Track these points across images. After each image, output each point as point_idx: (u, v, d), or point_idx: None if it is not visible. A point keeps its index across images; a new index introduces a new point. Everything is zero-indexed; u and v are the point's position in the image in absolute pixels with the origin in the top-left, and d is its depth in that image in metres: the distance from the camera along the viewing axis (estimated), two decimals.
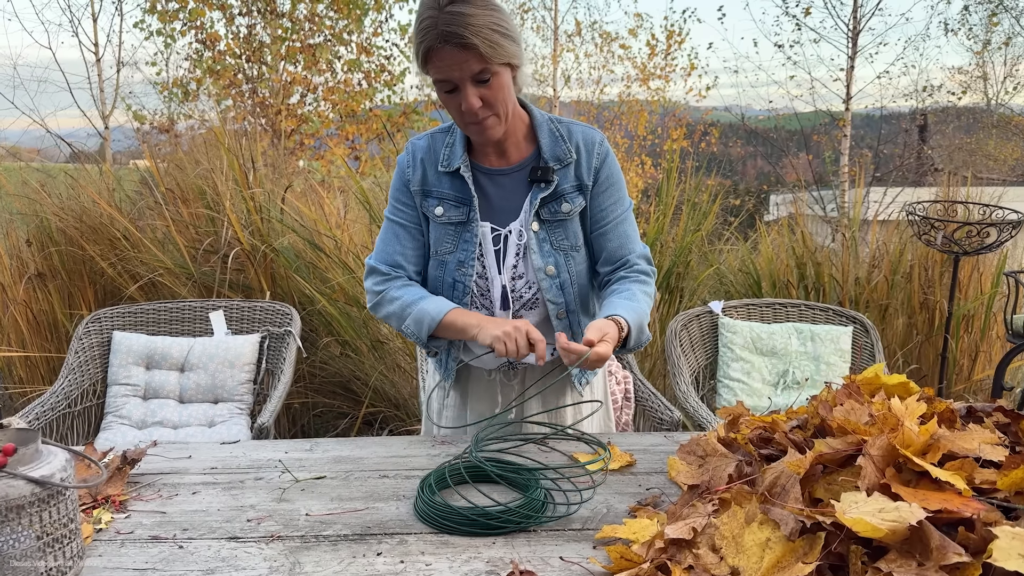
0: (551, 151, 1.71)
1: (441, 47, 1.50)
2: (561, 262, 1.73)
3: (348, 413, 3.85)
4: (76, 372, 2.75)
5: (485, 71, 1.53)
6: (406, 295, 1.74)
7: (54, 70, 10.61)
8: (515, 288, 1.75)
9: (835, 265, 4.22)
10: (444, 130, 1.78)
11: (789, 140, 14.35)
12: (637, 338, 1.67)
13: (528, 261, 1.72)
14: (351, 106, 9.09)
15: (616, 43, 14.77)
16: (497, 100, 1.58)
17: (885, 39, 11.17)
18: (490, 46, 1.50)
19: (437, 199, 1.74)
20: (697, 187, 4.48)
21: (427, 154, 1.76)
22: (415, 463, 1.65)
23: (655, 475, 1.58)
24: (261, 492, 1.51)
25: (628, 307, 1.66)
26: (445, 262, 1.75)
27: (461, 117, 1.61)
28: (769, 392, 2.95)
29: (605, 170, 1.74)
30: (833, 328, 3.03)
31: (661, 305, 4.03)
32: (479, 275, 1.74)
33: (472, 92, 1.54)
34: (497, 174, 1.74)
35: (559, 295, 1.74)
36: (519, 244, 1.72)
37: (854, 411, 1.29)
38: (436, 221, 1.74)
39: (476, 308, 1.78)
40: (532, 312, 1.77)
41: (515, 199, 1.73)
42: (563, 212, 1.71)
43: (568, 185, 1.71)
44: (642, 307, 1.69)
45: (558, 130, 1.73)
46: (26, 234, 3.71)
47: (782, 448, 1.34)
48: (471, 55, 1.50)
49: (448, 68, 1.52)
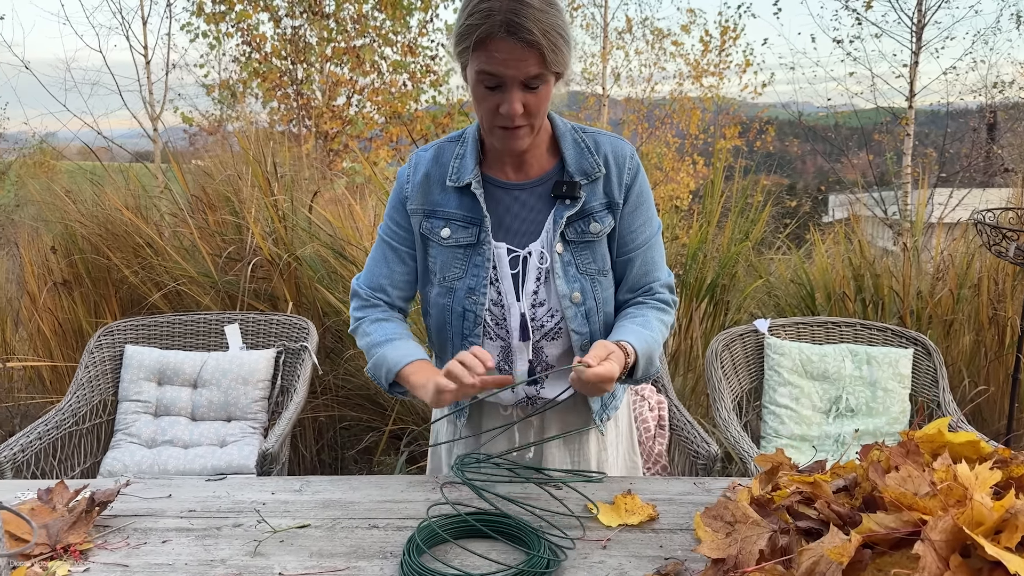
0: (577, 164, 1.52)
1: (503, 38, 1.32)
2: (587, 288, 1.54)
3: (375, 427, 3.72)
4: (85, 387, 2.66)
5: (540, 77, 1.37)
6: (375, 333, 1.60)
7: (105, 73, 10.77)
8: (536, 316, 1.55)
9: (895, 277, 3.93)
10: (454, 139, 1.60)
11: (849, 138, 13.83)
12: (645, 369, 1.50)
13: (551, 287, 1.53)
14: (395, 107, 9.00)
15: (668, 39, 14.45)
16: (539, 111, 1.42)
17: (952, 33, 10.69)
18: (553, 50, 1.34)
19: (443, 220, 1.55)
20: (746, 189, 4.23)
21: (433, 167, 1.58)
22: (410, 510, 1.48)
23: (680, 533, 1.39)
24: (236, 543, 1.37)
25: (639, 334, 1.49)
26: (453, 289, 1.56)
27: (493, 119, 1.42)
28: (820, 420, 2.71)
29: (636, 187, 1.55)
30: (891, 350, 2.77)
31: (704, 319, 3.80)
32: (494, 302, 1.55)
33: (518, 96, 1.37)
34: (515, 189, 1.56)
35: (584, 324, 1.55)
36: (540, 268, 1.53)
37: (911, 479, 1.08)
38: (443, 244, 1.56)
39: (491, 340, 1.58)
40: (554, 343, 1.58)
41: (535, 217, 1.54)
42: (591, 233, 1.53)
43: (597, 203, 1.53)
44: (654, 336, 1.52)
45: (584, 141, 1.54)
46: (51, 241, 3.67)
47: (823, 520, 1.13)
48: (532, 55, 1.33)
49: (503, 63, 1.34)
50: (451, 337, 1.59)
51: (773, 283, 4.29)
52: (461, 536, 1.34)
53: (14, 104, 17.23)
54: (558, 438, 1.67)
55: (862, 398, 2.73)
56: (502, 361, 1.60)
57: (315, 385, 3.58)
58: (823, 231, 5.23)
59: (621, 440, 1.78)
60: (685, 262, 3.78)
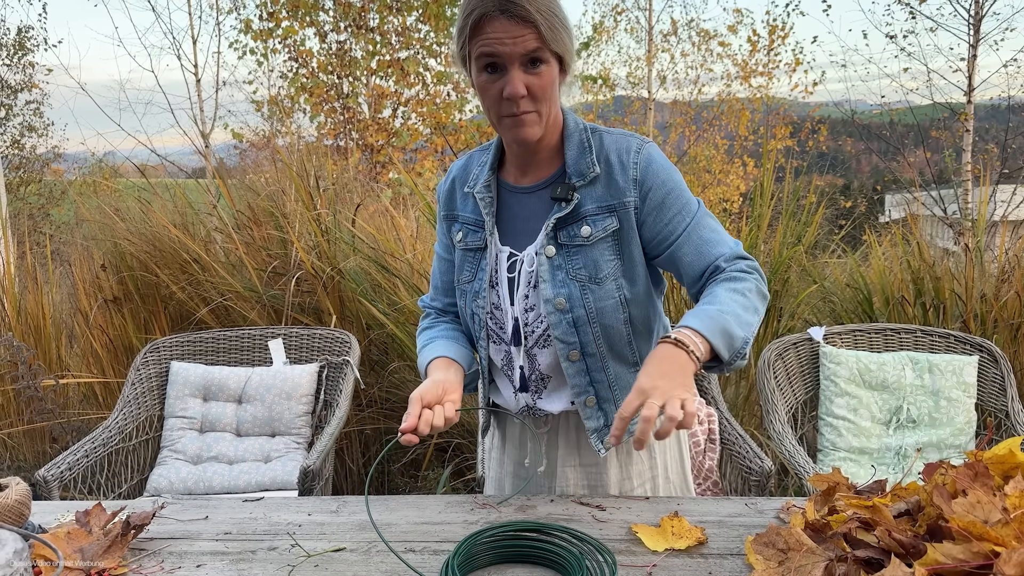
0: (575, 165, 1.48)
1: (496, 16, 1.33)
2: (576, 295, 1.46)
3: (422, 440, 3.69)
4: (132, 404, 2.68)
5: (539, 52, 1.35)
6: (420, 342, 1.65)
7: (158, 92, 11.07)
8: (528, 321, 1.52)
9: (957, 279, 3.76)
10: (485, 148, 1.61)
11: (905, 136, 13.45)
12: (729, 346, 1.33)
13: (539, 291, 1.50)
14: (440, 118, 9.04)
15: (715, 40, 14.27)
16: (543, 95, 1.39)
17: (1012, 24, 10.22)
18: (549, 28, 1.34)
19: (460, 223, 1.59)
20: (798, 190, 4.10)
21: (460, 174, 1.62)
22: (448, 532, 1.44)
23: (730, 558, 1.31)
24: (271, 567, 1.33)
25: (697, 314, 1.35)
26: (465, 292, 1.59)
27: (500, 108, 1.40)
28: (880, 432, 2.58)
29: (651, 179, 1.45)
30: (955, 358, 2.63)
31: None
32: (495, 306, 1.55)
33: (519, 75, 1.36)
34: (521, 192, 1.54)
35: (570, 333, 1.48)
36: (530, 271, 1.50)
37: (980, 506, 0.99)
38: (458, 247, 1.60)
39: (494, 344, 1.59)
40: (545, 350, 1.53)
41: (536, 220, 1.52)
42: (581, 236, 1.46)
43: (592, 205, 1.46)
44: (721, 308, 1.35)
45: (588, 140, 1.49)
46: (101, 258, 3.74)
47: (884, 549, 1.05)
48: (529, 31, 1.33)
49: (499, 41, 1.34)
50: (472, 339, 1.64)
51: (828, 288, 4.14)
52: (499, 561, 1.29)
53: (72, 125, 17.88)
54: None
55: (924, 408, 2.60)
56: (506, 367, 1.59)
57: (360, 398, 3.57)
58: (880, 232, 5.05)
59: (658, 472, 1.66)
60: None
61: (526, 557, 1.28)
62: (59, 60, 20.06)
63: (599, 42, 14.89)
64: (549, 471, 1.64)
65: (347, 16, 9.02)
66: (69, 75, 13.91)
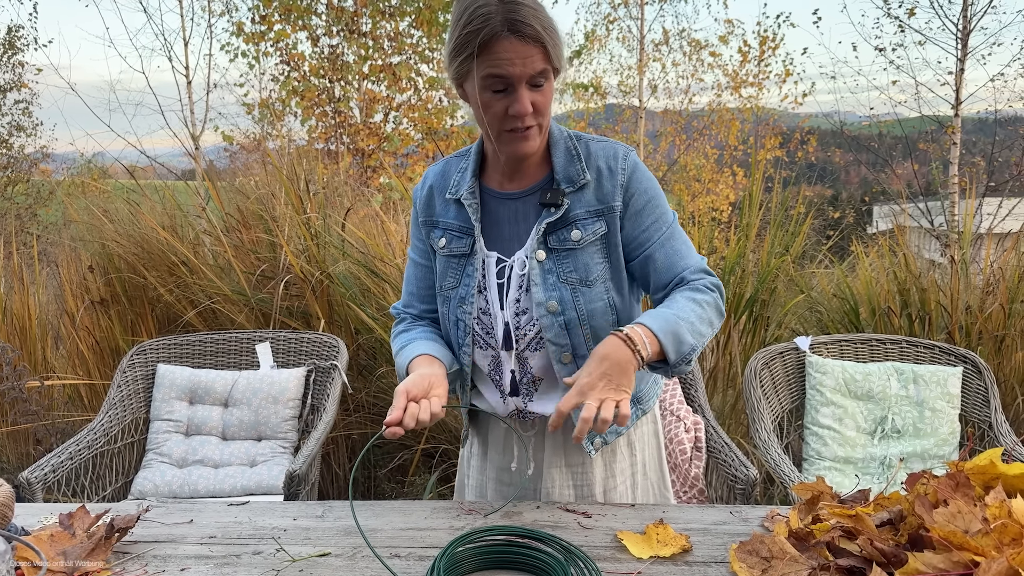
0: (564, 172, 1.51)
1: (506, 37, 1.33)
2: (567, 298, 1.49)
3: (408, 445, 3.69)
4: (118, 407, 2.67)
5: (544, 73, 1.38)
6: (395, 345, 1.64)
7: (148, 94, 11.02)
8: (519, 325, 1.54)
9: (943, 291, 3.78)
10: (461, 154, 1.63)
11: (893, 148, 13.54)
12: (677, 349, 1.38)
13: (531, 295, 1.51)
14: (431, 123, 9.04)
15: (706, 51, 14.35)
16: (545, 109, 1.42)
17: (999, 39, 10.37)
18: (553, 45, 1.37)
19: (442, 230, 1.59)
20: (786, 200, 4.12)
21: (438, 180, 1.62)
22: (433, 538, 1.44)
23: (714, 566, 1.31)
24: (255, 571, 1.33)
25: (653, 315, 1.40)
26: (449, 298, 1.59)
27: (502, 124, 1.42)
28: (864, 442, 2.60)
29: (635, 185, 1.50)
30: (940, 368, 2.65)
31: (743, 336, 3.70)
32: (482, 311, 1.55)
33: (526, 95, 1.38)
34: (508, 198, 1.55)
35: (562, 335, 1.50)
36: (521, 275, 1.52)
37: (962, 515, 1.00)
38: (440, 254, 1.59)
39: (480, 349, 1.59)
40: (537, 353, 1.55)
41: (524, 226, 1.54)
42: (572, 240, 1.49)
43: (582, 210, 1.49)
44: (677, 313, 1.40)
45: (575, 148, 1.52)
46: (88, 260, 3.71)
47: (866, 558, 1.05)
48: (537, 51, 1.35)
49: (510, 62, 1.34)
50: (453, 346, 1.62)
51: (815, 298, 4.16)
52: (484, 567, 1.29)
53: (61, 125, 17.82)
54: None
55: (909, 419, 2.62)
56: (493, 371, 1.60)
57: (348, 402, 3.56)
58: (867, 243, 5.09)
59: (638, 468, 1.69)
60: (723, 276, 3.69)
61: (511, 563, 1.29)
62: (49, 60, 19.93)
63: (591, 50, 14.95)
64: (535, 473, 1.65)
65: (340, 20, 9.02)
66: (59, 75, 13.85)
